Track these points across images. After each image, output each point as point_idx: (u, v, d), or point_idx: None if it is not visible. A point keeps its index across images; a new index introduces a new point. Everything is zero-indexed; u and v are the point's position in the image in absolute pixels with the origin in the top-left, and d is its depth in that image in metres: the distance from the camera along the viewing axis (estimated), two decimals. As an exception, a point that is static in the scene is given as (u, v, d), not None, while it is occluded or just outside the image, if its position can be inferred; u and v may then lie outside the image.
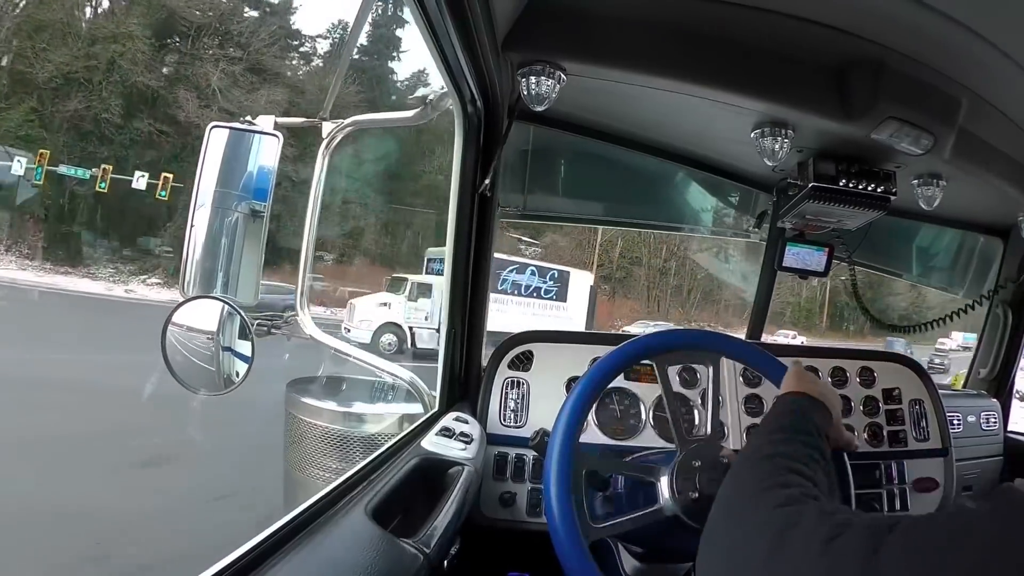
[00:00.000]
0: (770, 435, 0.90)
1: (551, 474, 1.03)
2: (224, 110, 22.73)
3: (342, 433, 1.62)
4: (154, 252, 21.05)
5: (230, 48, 24.16)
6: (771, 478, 0.76)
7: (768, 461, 0.81)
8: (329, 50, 28.38)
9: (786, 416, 0.95)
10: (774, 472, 0.77)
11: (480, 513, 1.45)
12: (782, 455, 0.82)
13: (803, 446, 0.86)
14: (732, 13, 1.22)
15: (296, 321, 1.50)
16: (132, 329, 13.28)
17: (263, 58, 24.70)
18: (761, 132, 1.47)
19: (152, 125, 22.09)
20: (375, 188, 24.94)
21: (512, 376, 1.57)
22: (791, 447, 0.85)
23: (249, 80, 24.29)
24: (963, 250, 2.34)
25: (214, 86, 23.24)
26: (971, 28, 1.14)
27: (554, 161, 1.93)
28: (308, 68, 28.06)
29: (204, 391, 1.21)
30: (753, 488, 0.75)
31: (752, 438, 0.92)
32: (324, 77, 26.61)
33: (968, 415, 2.02)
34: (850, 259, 2.05)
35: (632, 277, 33.27)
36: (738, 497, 0.77)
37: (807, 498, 0.70)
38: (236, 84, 23.78)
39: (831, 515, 0.62)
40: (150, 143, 22.03)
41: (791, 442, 0.86)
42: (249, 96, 23.52)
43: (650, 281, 33.64)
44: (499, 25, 1.14)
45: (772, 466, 0.79)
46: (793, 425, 0.92)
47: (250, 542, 0.71)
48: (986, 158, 1.50)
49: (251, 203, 1.15)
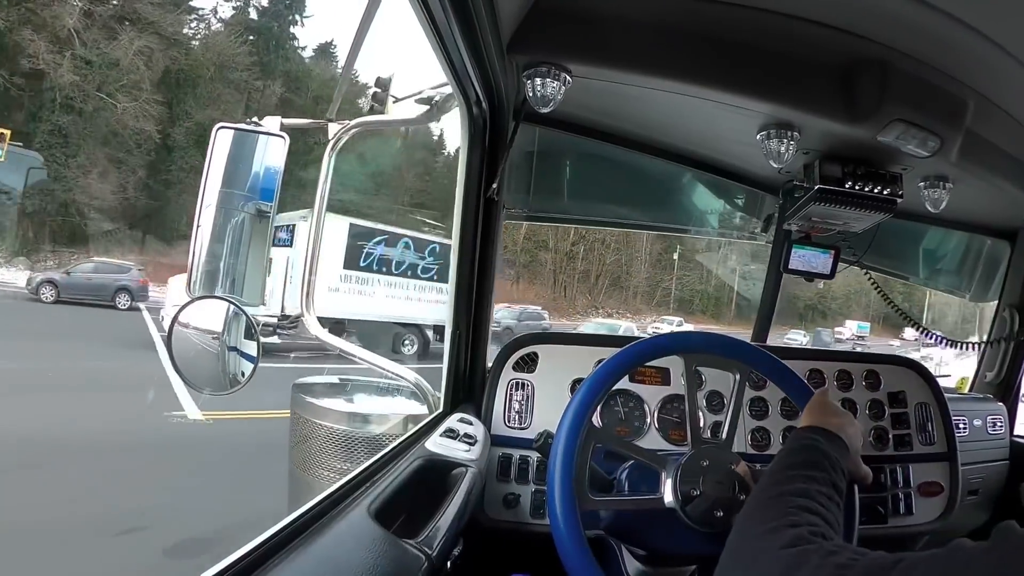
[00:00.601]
0: (783, 472, 0.90)
1: (555, 476, 1.03)
2: (80, 57, 21.65)
3: (347, 433, 1.63)
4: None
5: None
6: (780, 518, 0.77)
7: (777, 500, 0.82)
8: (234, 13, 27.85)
9: (799, 453, 0.95)
10: (783, 512, 0.78)
11: (484, 514, 1.45)
12: (792, 493, 0.82)
13: (815, 483, 0.86)
14: (738, 14, 1.22)
15: (302, 323, 1.51)
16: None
17: (139, 6, 23.48)
18: (767, 134, 1.46)
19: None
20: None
21: (517, 378, 1.57)
22: (802, 485, 0.85)
23: (116, 27, 23.04)
24: (970, 253, 2.32)
25: (70, 28, 21.69)
26: (978, 29, 1.14)
27: (559, 163, 1.93)
28: (205, 30, 27.16)
29: (209, 390, 1.22)
30: (761, 529, 0.76)
31: (766, 475, 0.92)
32: (224, 36, 26.41)
33: (974, 419, 2.00)
34: (857, 262, 2.05)
35: (537, 261, 32.55)
36: (746, 538, 0.79)
37: (815, 537, 0.70)
38: (96, 27, 22.32)
39: (834, 554, 0.64)
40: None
41: (802, 480, 0.86)
42: (112, 44, 22.48)
43: (556, 266, 33.00)
44: (504, 27, 1.14)
45: (781, 505, 0.80)
46: (806, 462, 0.91)
47: (253, 542, 0.71)
48: (993, 160, 1.50)
49: (257, 204, 1.16)
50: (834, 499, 0.85)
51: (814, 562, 0.64)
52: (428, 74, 1.32)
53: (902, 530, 1.59)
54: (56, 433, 5.99)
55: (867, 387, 1.69)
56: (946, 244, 2.33)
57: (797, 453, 0.95)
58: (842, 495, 0.88)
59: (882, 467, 1.61)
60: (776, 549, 0.70)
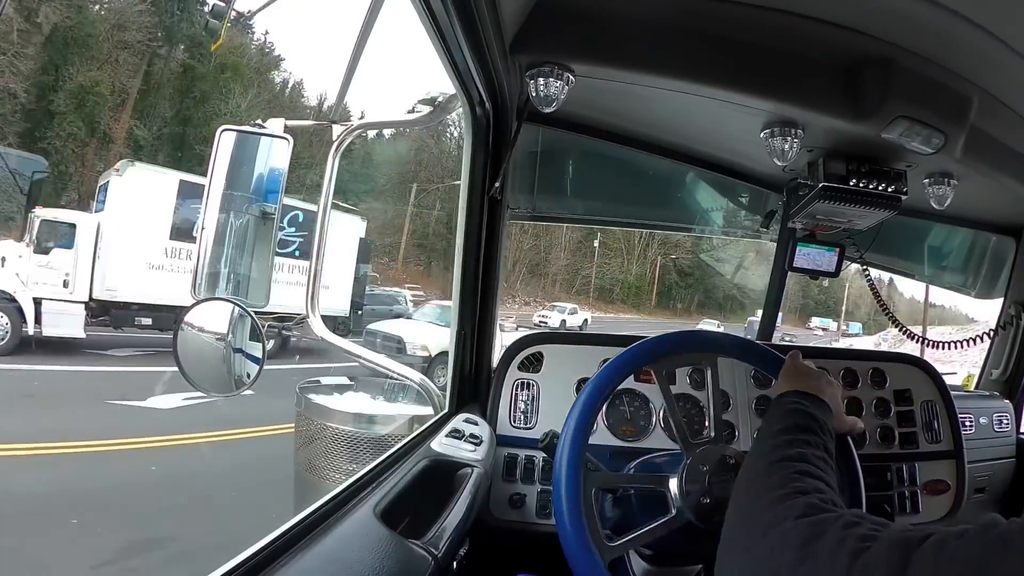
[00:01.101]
0: (775, 438, 0.89)
1: (561, 476, 1.03)
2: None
3: (352, 434, 1.63)
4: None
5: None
6: (786, 485, 0.74)
7: (779, 466, 0.80)
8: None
9: (787, 418, 0.94)
10: (788, 479, 0.76)
11: (490, 514, 1.45)
12: (792, 458, 0.81)
13: (810, 447, 0.85)
14: (740, 12, 1.22)
15: (307, 324, 1.51)
16: None
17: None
18: (770, 132, 1.46)
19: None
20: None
21: (522, 377, 1.57)
22: (799, 449, 0.83)
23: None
24: (975, 250, 2.31)
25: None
26: (981, 25, 1.13)
27: (563, 162, 1.93)
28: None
29: (214, 392, 1.22)
30: (770, 497, 0.74)
31: (757, 443, 0.91)
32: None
33: (980, 416, 1.99)
34: (862, 259, 2.04)
35: (454, 248, 31.18)
36: (751, 510, 0.76)
37: (828, 506, 0.68)
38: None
39: (855, 526, 0.61)
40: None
41: (798, 444, 0.85)
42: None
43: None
44: (507, 27, 1.14)
45: (784, 472, 0.78)
46: (797, 426, 0.91)
47: (260, 542, 0.72)
48: (998, 157, 1.49)
49: (262, 205, 1.16)
50: (829, 463, 0.84)
51: (833, 534, 0.61)
52: (432, 74, 1.32)
53: None
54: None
55: (873, 385, 1.69)
56: (951, 241, 2.32)
57: (785, 418, 0.94)
58: (833, 459, 0.88)
59: (888, 465, 1.60)
60: (790, 519, 0.67)
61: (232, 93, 26.23)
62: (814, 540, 0.61)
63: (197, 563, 3.22)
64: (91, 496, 4.48)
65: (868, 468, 1.22)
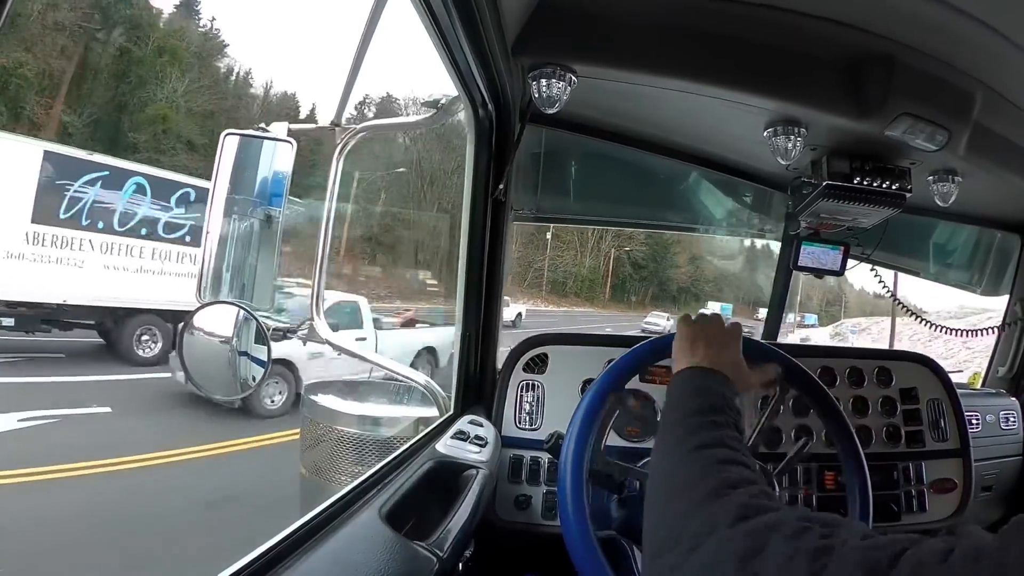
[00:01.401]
0: (681, 425, 0.80)
1: (565, 475, 1.03)
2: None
3: (358, 436, 1.63)
4: None
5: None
6: (707, 478, 0.66)
7: (694, 456, 0.72)
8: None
9: (692, 398, 0.86)
10: (707, 469, 0.68)
11: (495, 515, 1.45)
12: (707, 444, 0.73)
13: (722, 428, 0.78)
14: (741, 11, 1.22)
15: (312, 326, 1.51)
16: None
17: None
18: (773, 131, 1.46)
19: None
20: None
21: (527, 379, 1.57)
22: (711, 432, 0.76)
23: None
24: (980, 247, 2.31)
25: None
26: (983, 21, 1.13)
27: (567, 163, 1.93)
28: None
29: (220, 396, 1.23)
30: (691, 498, 0.65)
31: (660, 435, 0.82)
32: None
33: (987, 414, 1.99)
34: (868, 258, 2.04)
35: (402, 241, 28.93)
36: (678, 510, 0.65)
37: (763, 500, 0.60)
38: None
39: (804, 533, 0.52)
40: None
41: (708, 427, 0.77)
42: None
43: (419, 243, 28.81)
44: (508, 29, 1.14)
45: (702, 462, 0.70)
46: (704, 407, 0.82)
47: (265, 544, 0.72)
48: (1002, 153, 1.48)
49: (266, 208, 1.17)
50: (743, 444, 0.77)
51: (779, 547, 0.51)
52: (436, 75, 1.32)
53: (915, 528, 1.58)
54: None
55: (879, 384, 1.68)
56: (956, 238, 2.31)
57: (691, 398, 0.86)
58: (743, 432, 0.82)
59: (894, 464, 1.60)
60: (723, 527, 0.57)
61: (169, 77, 25.25)
62: (755, 555, 0.52)
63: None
64: None
65: (874, 467, 1.22)
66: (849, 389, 1.65)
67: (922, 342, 16.55)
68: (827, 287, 69.19)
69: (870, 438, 1.61)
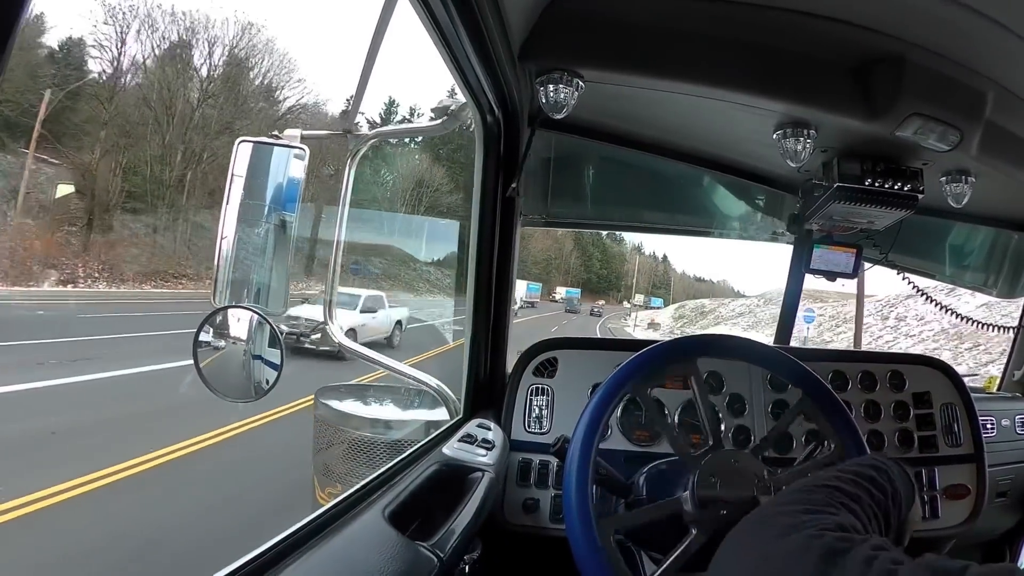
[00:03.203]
0: (839, 472, 0.79)
1: (571, 480, 1.03)
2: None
3: (368, 439, 1.64)
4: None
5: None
6: (821, 505, 0.67)
7: (823, 490, 0.72)
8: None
9: (868, 469, 0.82)
10: (828, 501, 0.69)
11: (504, 519, 1.45)
12: (841, 491, 0.72)
13: (870, 498, 0.74)
14: (748, 13, 1.22)
15: (325, 331, 1.53)
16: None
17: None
18: (783, 133, 1.45)
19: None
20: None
21: (537, 383, 1.58)
22: (856, 490, 0.74)
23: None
24: (996, 248, 2.27)
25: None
26: (994, 18, 1.11)
27: (576, 167, 1.93)
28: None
29: (234, 399, 1.25)
30: (796, 508, 0.66)
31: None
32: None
33: (1002, 419, 1.95)
34: (882, 259, 2.02)
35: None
36: (779, 511, 0.68)
37: (858, 533, 0.61)
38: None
39: (884, 550, 0.54)
40: None
41: (858, 486, 0.75)
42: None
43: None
44: (514, 35, 1.15)
45: (826, 493, 0.71)
46: (872, 478, 0.79)
47: (270, 541, 0.74)
48: (1016, 152, 1.46)
49: (280, 214, 1.19)
50: (877, 523, 0.73)
51: (861, 551, 0.54)
52: (445, 82, 1.34)
53: (928, 534, 1.56)
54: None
55: (891, 388, 1.66)
56: (972, 240, 2.27)
57: (867, 469, 0.83)
58: (889, 531, 0.77)
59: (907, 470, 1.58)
60: (815, 528, 0.60)
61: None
62: (840, 554, 0.55)
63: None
64: None
65: None
66: (861, 393, 1.64)
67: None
68: (658, 274, 69.70)
69: (882, 443, 1.59)
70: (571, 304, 53.29)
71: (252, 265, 1.19)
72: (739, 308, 36.25)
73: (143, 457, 4.92)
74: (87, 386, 6.88)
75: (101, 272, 17.78)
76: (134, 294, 17.36)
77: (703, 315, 38.37)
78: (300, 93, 33.40)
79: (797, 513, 0.65)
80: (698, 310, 41.70)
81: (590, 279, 66.11)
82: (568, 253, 58.89)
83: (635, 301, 41.82)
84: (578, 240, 56.63)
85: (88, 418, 5.75)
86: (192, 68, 24.88)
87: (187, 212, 21.88)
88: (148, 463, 4.89)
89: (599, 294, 61.91)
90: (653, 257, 77.87)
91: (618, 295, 64.22)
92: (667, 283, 68.73)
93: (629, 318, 45.14)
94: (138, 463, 4.83)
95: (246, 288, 1.19)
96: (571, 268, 60.16)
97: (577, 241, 57.63)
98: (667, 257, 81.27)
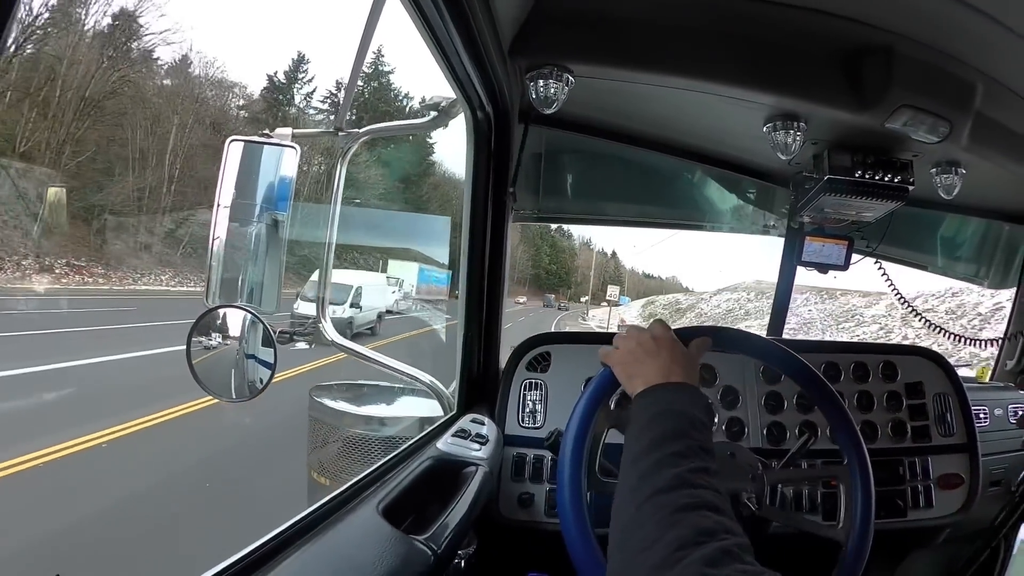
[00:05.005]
0: (642, 460, 0.74)
1: (564, 472, 1.03)
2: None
3: (363, 436, 1.64)
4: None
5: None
6: (663, 536, 0.60)
7: (653, 502, 0.66)
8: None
9: (649, 427, 0.79)
10: (665, 520, 0.63)
11: (499, 513, 1.46)
12: (667, 488, 0.67)
13: (686, 459, 0.71)
14: (737, 7, 1.22)
15: (319, 328, 1.53)
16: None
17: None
18: (773, 126, 1.46)
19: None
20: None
21: (530, 378, 1.58)
22: (674, 469, 0.70)
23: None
24: (987, 239, 2.28)
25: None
26: (982, 10, 1.12)
27: (567, 162, 1.93)
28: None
29: (227, 398, 1.24)
30: (650, 561, 0.59)
31: (622, 469, 0.77)
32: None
33: (995, 408, 1.96)
34: (873, 252, 2.03)
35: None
36: (638, 569, 0.61)
37: (728, 557, 0.56)
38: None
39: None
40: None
41: (670, 462, 0.71)
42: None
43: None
44: (504, 31, 1.15)
45: (663, 509, 0.64)
46: (667, 433, 0.76)
47: (264, 537, 0.74)
48: (1005, 143, 1.47)
49: (272, 213, 1.18)
50: (710, 468, 0.71)
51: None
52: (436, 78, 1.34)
53: (922, 523, 1.57)
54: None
55: (884, 379, 1.67)
56: (963, 231, 2.28)
57: (647, 429, 0.79)
58: (713, 456, 0.75)
59: (900, 460, 1.59)
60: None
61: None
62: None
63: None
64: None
65: (880, 463, 1.21)
66: (854, 384, 1.64)
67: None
68: (608, 272, 69.73)
69: (875, 433, 1.59)
70: (548, 300, 57.68)
71: (245, 265, 1.19)
72: (725, 304, 34.87)
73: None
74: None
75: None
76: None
77: (680, 312, 36.84)
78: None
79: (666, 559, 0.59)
80: (672, 306, 40.42)
81: (538, 275, 66.08)
82: (515, 247, 58.22)
83: (609, 297, 40.85)
84: (524, 234, 56.21)
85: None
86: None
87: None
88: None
89: (548, 291, 62.33)
90: (603, 253, 77.65)
91: (568, 292, 64.74)
92: (619, 279, 68.34)
93: (588, 317, 42.43)
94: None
95: (239, 288, 1.19)
96: (517, 263, 59.68)
97: (524, 235, 57.31)
98: (616, 253, 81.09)
